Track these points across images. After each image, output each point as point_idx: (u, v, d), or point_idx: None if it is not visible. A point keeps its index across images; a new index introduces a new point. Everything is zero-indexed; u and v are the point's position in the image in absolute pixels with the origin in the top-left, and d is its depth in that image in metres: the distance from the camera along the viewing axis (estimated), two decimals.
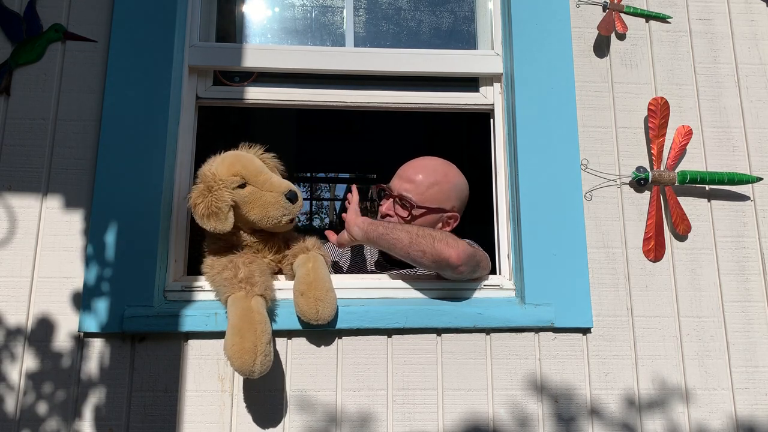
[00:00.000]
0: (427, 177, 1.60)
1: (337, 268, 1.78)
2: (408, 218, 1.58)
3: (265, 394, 1.40)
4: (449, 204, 1.62)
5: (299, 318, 1.38)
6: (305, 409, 1.41)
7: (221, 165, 1.41)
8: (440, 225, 1.63)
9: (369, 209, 1.74)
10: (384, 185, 1.67)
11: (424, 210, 1.59)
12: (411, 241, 1.39)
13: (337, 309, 1.39)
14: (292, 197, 1.42)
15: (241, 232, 1.46)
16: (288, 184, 1.44)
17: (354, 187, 1.58)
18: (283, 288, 1.45)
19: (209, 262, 1.44)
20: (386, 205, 1.64)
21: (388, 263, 1.68)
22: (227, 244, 1.46)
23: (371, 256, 1.78)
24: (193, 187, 1.41)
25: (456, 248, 1.38)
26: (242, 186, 1.40)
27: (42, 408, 1.36)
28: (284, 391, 1.41)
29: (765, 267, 1.58)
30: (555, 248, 1.52)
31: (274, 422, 1.39)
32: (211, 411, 1.39)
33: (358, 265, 1.78)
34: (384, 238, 1.43)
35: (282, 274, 1.52)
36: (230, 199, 1.36)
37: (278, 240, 1.50)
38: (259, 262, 1.43)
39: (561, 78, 1.62)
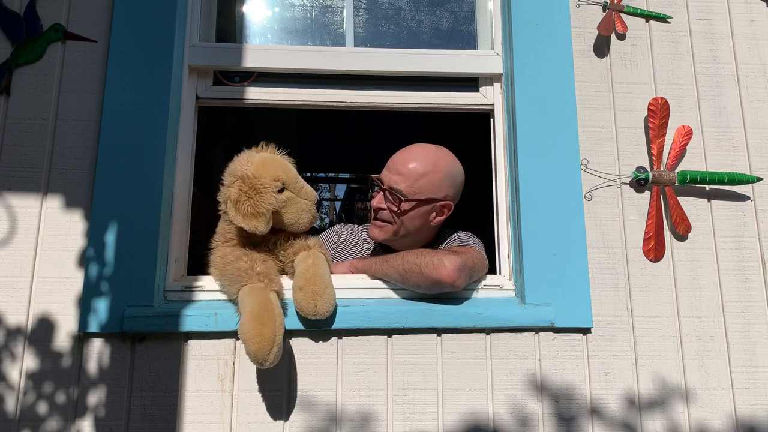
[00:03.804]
0: (416, 168, 1.55)
1: None
2: (397, 211, 1.55)
3: (265, 394, 1.40)
4: (441, 193, 1.57)
5: (297, 313, 1.38)
6: (305, 409, 1.41)
7: (262, 167, 1.42)
8: (433, 214, 1.59)
9: (369, 209, 1.73)
10: (375, 176, 1.64)
11: (414, 203, 1.55)
12: (402, 278, 1.45)
13: (336, 306, 1.39)
14: (319, 205, 1.49)
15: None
16: (315, 193, 1.53)
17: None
18: (285, 288, 1.45)
19: (221, 252, 1.44)
20: (377, 199, 1.60)
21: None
22: (247, 240, 1.46)
23: (369, 254, 1.78)
24: (228, 184, 1.41)
25: (444, 267, 1.38)
26: (281, 191, 1.43)
27: (42, 408, 1.36)
28: (284, 390, 1.41)
29: (765, 267, 1.59)
30: (555, 248, 1.52)
31: (274, 422, 1.39)
32: (211, 411, 1.39)
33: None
34: (375, 276, 1.52)
35: (285, 274, 1.53)
36: (275, 204, 1.40)
37: (289, 235, 1.52)
38: (271, 262, 1.44)
39: (561, 78, 1.62)
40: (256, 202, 1.37)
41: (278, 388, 1.41)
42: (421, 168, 1.55)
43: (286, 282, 1.48)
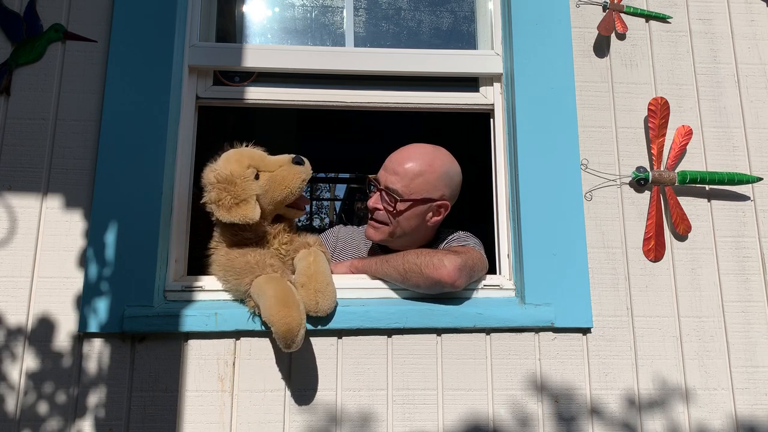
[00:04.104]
0: (411, 168, 1.54)
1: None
2: (393, 211, 1.55)
3: (265, 394, 1.40)
4: (437, 193, 1.56)
5: None
6: (305, 409, 1.41)
7: (230, 163, 1.42)
8: (430, 214, 1.58)
9: (368, 209, 1.73)
10: (372, 176, 1.64)
11: (409, 202, 1.54)
12: (402, 278, 1.45)
13: (337, 303, 1.40)
14: (298, 161, 1.48)
15: (264, 220, 1.47)
16: (287, 155, 1.50)
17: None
18: None
19: (223, 251, 1.44)
20: (373, 199, 1.61)
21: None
22: (252, 235, 1.46)
23: (368, 254, 1.78)
24: (208, 189, 1.41)
25: (444, 267, 1.38)
26: (257, 177, 1.43)
27: (42, 408, 1.36)
28: (284, 390, 1.41)
29: (765, 267, 1.59)
30: (555, 248, 1.52)
31: (274, 422, 1.39)
32: (211, 411, 1.39)
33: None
34: (375, 276, 1.52)
35: None
36: (256, 188, 1.40)
37: (286, 225, 1.52)
38: (277, 258, 1.44)
39: (561, 78, 1.62)
40: (237, 192, 1.37)
41: (278, 388, 1.41)
42: (417, 168, 1.54)
43: None
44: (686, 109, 1.67)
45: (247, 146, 1.50)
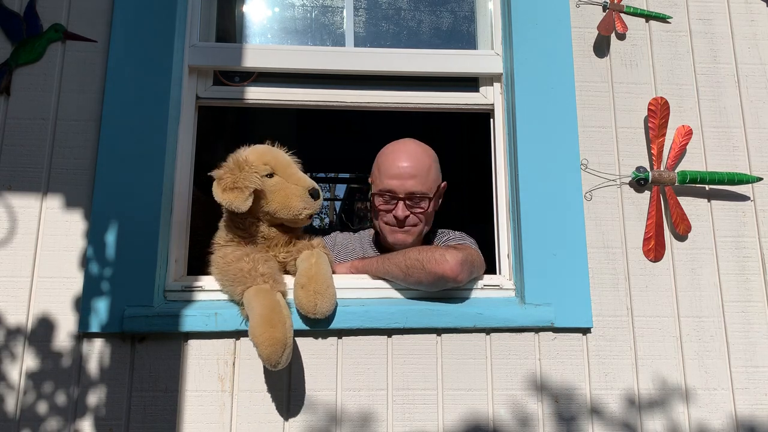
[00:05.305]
0: (423, 165, 1.60)
1: None
2: (425, 211, 1.60)
3: (265, 394, 1.40)
4: (440, 177, 1.66)
5: (298, 312, 1.38)
6: (305, 409, 1.41)
7: (253, 153, 1.46)
8: (439, 200, 1.67)
9: (369, 209, 1.73)
10: (383, 190, 1.60)
11: (433, 196, 1.62)
12: (405, 274, 1.45)
13: (336, 306, 1.39)
14: (314, 194, 1.47)
15: (261, 222, 1.47)
16: (313, 182, 1.49)
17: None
18: (288, 288, 1.45)
19: (222, 252, 1.44)
20: (401, 209, 1.58)
21: None
22: (246, 234, 1.47)
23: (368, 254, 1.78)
24: (222, 166, 1.42)
25: (447, 262, 1.39)
26: (270, 176, 1.44)
27: (42, 408, 1.36)
28: (284, 390, 1.41)
29: (765, 267, 1.58)
30: (555, 248, 1.52)
31: (274, 422, 1.39)
32: (211, 411, 1.39)
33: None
34: (377, 275, 1.52)
35: (287, 274, 1.52)
36: (258, 182, 1.39)
37: (291, 238, 1.52)
38: (273, 262, 1.44)
39: (561, 78, 1.62)
40: (237, 177, 1.37)
41: (278, 388, 1.41)
42: (426, 162, 1.60)
43: (289, 281, 1.48)
44: (686, 109, 1.67)
45: (285, 150, 1.53)
